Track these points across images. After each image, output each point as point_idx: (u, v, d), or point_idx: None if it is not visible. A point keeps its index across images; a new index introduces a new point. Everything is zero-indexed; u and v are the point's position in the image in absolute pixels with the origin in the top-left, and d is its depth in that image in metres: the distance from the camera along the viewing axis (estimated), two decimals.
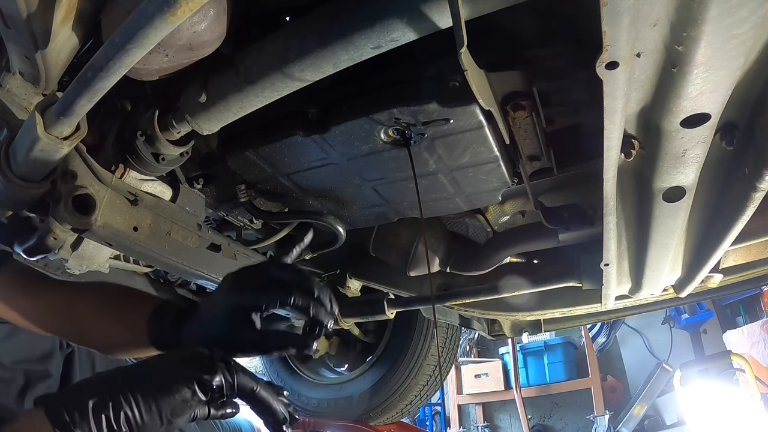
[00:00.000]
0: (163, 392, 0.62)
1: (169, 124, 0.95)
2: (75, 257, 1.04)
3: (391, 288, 1.68)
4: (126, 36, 0.58)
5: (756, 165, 0.72)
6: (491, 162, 1.05)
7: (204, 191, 1.24)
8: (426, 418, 5.85)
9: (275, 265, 0.80)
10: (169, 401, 0.62)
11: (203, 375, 0.65)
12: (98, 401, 0.60)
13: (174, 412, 0.62)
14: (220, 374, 0.66)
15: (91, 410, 0.59)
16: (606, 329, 5.09)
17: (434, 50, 0.91)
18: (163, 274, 1.72)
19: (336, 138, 1.02)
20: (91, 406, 0.59)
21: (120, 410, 0.60)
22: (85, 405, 0.59)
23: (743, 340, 3.97)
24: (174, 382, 0.64)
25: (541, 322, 1.85)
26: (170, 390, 0.63)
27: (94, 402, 0.59)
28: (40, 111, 0.70)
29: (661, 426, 4.46)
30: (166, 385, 0.63)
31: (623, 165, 0.83)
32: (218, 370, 0.66)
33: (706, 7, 0.50)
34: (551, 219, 1.24)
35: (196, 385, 0.64)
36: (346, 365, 2.37)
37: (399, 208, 1.26)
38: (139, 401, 0.61)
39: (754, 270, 1.33)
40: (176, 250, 1.09)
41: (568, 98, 0.95)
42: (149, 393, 0.62)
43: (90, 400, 0.59)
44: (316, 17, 0.78)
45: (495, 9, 0.67)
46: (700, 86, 0.61)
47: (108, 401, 0.60)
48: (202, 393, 0.65)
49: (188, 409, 0.64)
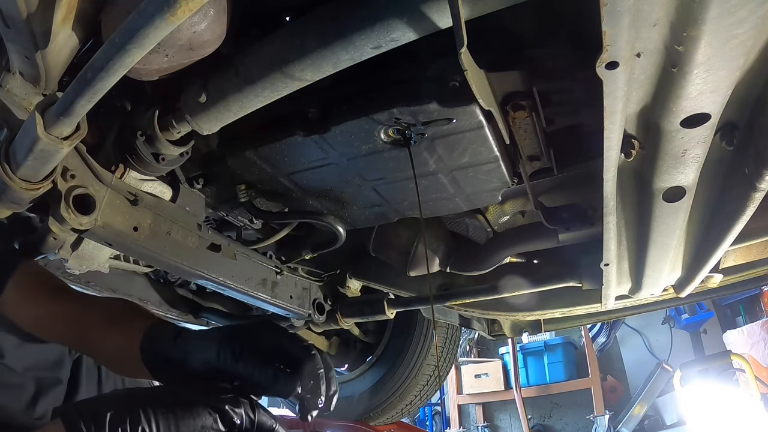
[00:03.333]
0: (184, 415, 0.62)
1: (169, 124, 0.95)
2: (75, 257, 1.04)
3: (390, 288, 1.68)
4: (126, 36, 0.57)
5: (756, 165, 0.72)
6: (491, 162, 1.05)
7: (204, 191, 1.24)
8: (426, 418, 5.86)
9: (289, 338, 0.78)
10: (189, 425, 0.61)
11: (226, 406, 0.65)
12: (115, 415, 0.59)
13: None
14: (242, 409, 0.66)
15: (108, 423, 0.58)
16: (606, 329, 5.09)
17: (434, 50, 0.91)
18: (163, 274, 1.72)
19: (336, 138, 1.02)
20: (109, 420, 0.58)
21: (137, 426, 0.59)
22: (103, 418, 0.58)
23: (743, 340, 3.97)
24: (197, 407, 0.63)
25: (541, 322, 1.85)
26: (192, 413, 0.62)
27: (111, 415, 0.59)
28: (40, 111, 0.70)
29: (661, 426, 4.47)
30: (188, 409, 0.63)
31: (623, 165, 0.83)
32: (241, 405, 0.66)
33: (706, 7, 0.50)
34: (551, 219, 1.24)
35: (217, 415, 0.64)
36: (346, 365, 2.36)
37: (399, 208, 1.26)
38: (159, 420, 0.60)
39: (754, 270, 1.33)
40: (176, 250, 1.09)
41: (568, 98, 0.95)
42: (169, 413, 0.61)
43: (108, 413, 0.59)
44: (316, 17, 0.78)
45: (495, 9, 0.66)
46: (700, 86, 0.61)
47: (126, 416, 0.59)
48: (222, 424, 0.64)
49: None
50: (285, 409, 2.52)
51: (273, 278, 1.44)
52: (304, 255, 1.48)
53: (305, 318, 1.61)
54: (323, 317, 1.64)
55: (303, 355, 0.74)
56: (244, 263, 1.32)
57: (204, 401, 0.64)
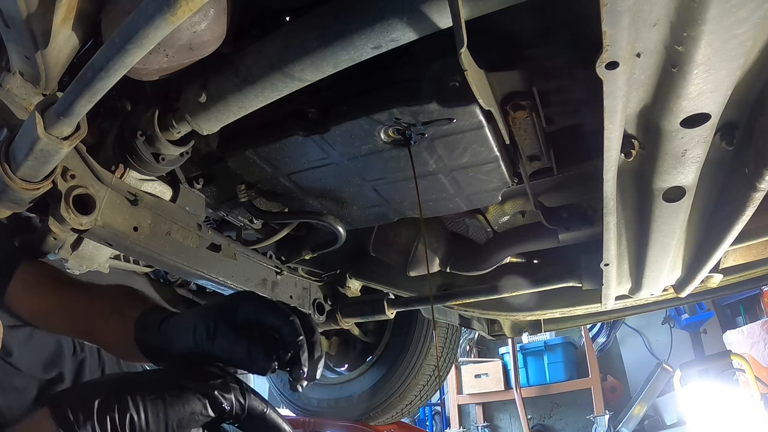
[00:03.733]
0: (173, 401, 0.61)
1: (169, 124, 0.95)
2: (75, 257, 1.04)
3: (391, 288, 1.68)
4: (126, 36, 0.57)
5: (756, 165, 0.72)
6: (491, 162, 1.05)
7: (204, 191, 1.24)
8: (426, 418, 5.86)
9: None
10: (178, 411, 0.61)
11: (216, 392, 0.64)
12: (103, 402, 0.58)
13: (180, 424, 0.61)
14: (232, 394, 0.65)
15: (96, 411, 0.57)
16: (606, 329, 5.09)
17: (434, 50, 0.91)
18: (163, 274, 1.72)
19: (336, 138, 1.02)
20: (97, 407, 0.57)
21: (126, 413, 0.58)
22: (91, 405, 0.58)
23: (743, 340, 3.97)
24: (186, 393, 0.62)
25: (541, 322, 1.85)
26: (181, 400, 0.61)
27: (99, 402, 0.58)
28: (40, 111, 0.70)
29: (661, 426, 4.47)
30: (177, 395, 0.62)
31: (623, 165, 0.83)
32: (231, 390, 0.65)
33: (706, 7, 0.50)
34: (551, 219, 1.24)
35: (207, 401, 0.63)
36: (346, 365, 2.36)
37: (399, 208, 1.26)
38: (147, 406, 0.59)
39: (754, 270, 1.33)
40: (176, 250, 1.09)
41: (568, 98, 0.95)
42: (158, 399, 0.60)
43: (96, 401, 0.58)
44: (316, 17, 0.78)
45: (495, 9, 0.66)
46: (700, 86, 0.61)
47: (114, 403, 0.58)
48: (212, 410, 0.63)
49: (195, 423, 0.62)
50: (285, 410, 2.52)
51: (273, 278, 1.44)
52: (304, 255, 1.48)
53: None
54: (323, 317, 1.64)
55: (281, 323, 0.70)
56: (244, 263, 1.32)
57: (194, 387, 0.63)
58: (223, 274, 1.23)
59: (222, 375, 0.67)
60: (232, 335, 0.70)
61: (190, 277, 1.21)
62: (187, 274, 1.17)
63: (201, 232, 1.16)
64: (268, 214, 1.34)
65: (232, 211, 1.38)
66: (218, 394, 0.64)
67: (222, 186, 1.29)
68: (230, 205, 1.35)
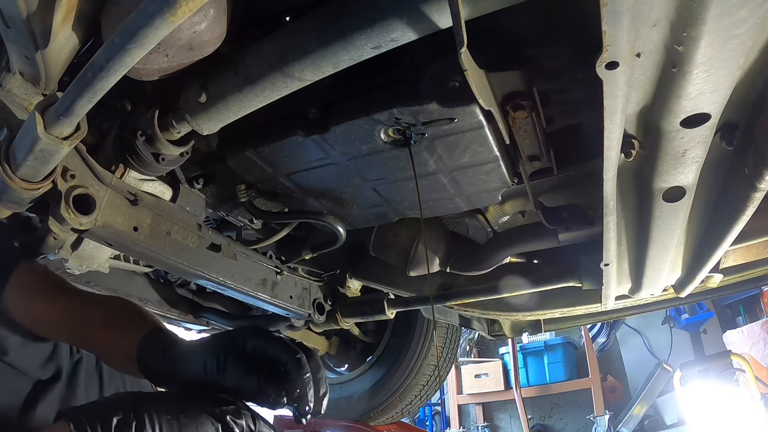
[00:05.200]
0: (187, 422, 0.63)
1: (169, 124, 0.95)
2: (75, 257, 1.04)
3: (390, 288, 1.68)
4: (126, 36, 0.58)
5: (756, 165, 0.72)
6: (491, 162, 1.05)
7: (204, 191, 1.24)
8: (426, 418, 5.86)
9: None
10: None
11: (228, 417, 0.66)
12: (122, 420, 0.60)
13: None
14: (244, 420, 0.67)
15: (114, 427, 0.59)
16: (606, 329, 5.09)
17: (434, 50, 0.91)
18: (163, 274, 1.72)
19: (336, 138, 1.02)
20: (115, 424, 0.60)
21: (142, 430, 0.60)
22: (109, 422, 0.60)
23: (743, 340, 3.97)
24: (200, 416, 0.64)
25: (541, 322, 1.85)
26: (195, 422, 0.64)
27: (118, 419, 0.60)
28: (40, 111, 0.70)
29: (661, 426, 4.47)
30: (192, 417, 0.64)
31: (623, 165, 0.83)
32: (242, 416, 0.67)
33: (706, 7, 0.50)
34: (551, 219, 1.24)
35: (220, 425, 0.65)
36: (346, 365, 2.36)
37: (399, 208, 1.26)
38: (163, 426, 0.61)
39: (754, 270, 1.33)
40: (176, 250, 1.09)
41: (568, 98, 0.95)
42: (174, 420, 0.62)
43: (114, 417, 0.60)
44: (316, 17, 0.78)
45: (495, 9, 0.66)
46: (700, 86, 0.61)
47: (132, 421, 0.60)
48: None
49: None
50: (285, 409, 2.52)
51: (273, 278, 1.44)
52: (304, 255, 1.48)
53: (305, 318, 1.61)
54: (323, 317, 1.64)
55: (288, 359, 0.73)
56: (244, 263, 1.32)
57: (207, 410, 0.65)
58: (223, 274, 1.23)
59: (234, 401, 0.69)
60: (241, 368, 0.72)
61: (190, 277, 1.21)
62: (187, 274, 1.17)
63: (201, 232, 1.16)
64: (268, 214, 1.34)
65: (232, 211, 1.38)
66: (230, 419, 0.66)
67: (222, 186, 1.29)
68: (230, 205, 1.35)
